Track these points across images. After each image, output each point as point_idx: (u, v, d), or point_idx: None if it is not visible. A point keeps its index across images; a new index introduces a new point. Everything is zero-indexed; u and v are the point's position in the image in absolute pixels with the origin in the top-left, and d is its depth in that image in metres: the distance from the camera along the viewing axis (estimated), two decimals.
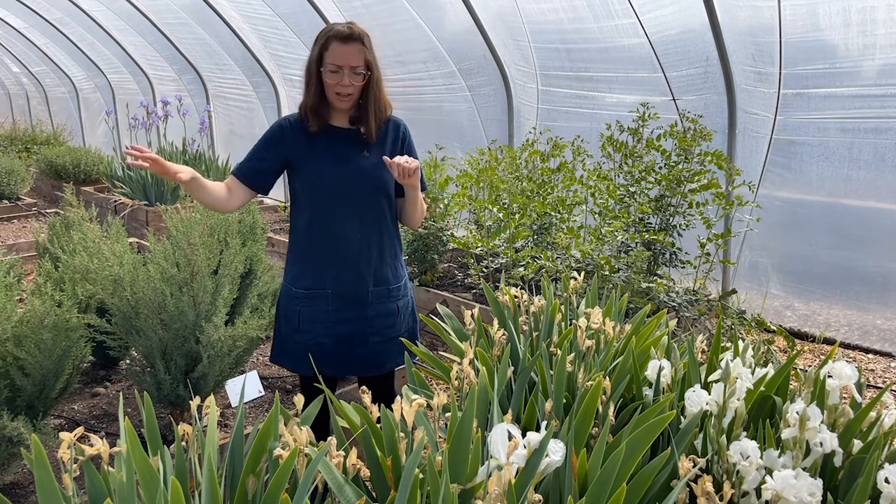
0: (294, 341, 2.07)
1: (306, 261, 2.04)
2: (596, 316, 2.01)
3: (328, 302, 2.04)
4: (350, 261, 2.04)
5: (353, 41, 1.93)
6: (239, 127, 8.39)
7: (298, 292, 2.04)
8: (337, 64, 1.92)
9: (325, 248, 2.02)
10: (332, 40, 1.93)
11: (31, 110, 13.13)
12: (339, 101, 1.97)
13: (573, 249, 3.59)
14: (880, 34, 3.42)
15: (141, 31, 8.24)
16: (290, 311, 2.07)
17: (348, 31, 1.93)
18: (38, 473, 1.21)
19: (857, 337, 3.85)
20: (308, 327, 2.05)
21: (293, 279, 2.07)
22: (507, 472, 1.24)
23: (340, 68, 1.92)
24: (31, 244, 5.55)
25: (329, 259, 2.03)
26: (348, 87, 1.94)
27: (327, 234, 2.01)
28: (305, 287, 2.04)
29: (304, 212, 2.03)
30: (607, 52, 4.55)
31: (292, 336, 2.08)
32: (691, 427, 1.58)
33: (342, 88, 1.94)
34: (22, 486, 2.45)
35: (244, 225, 3.19)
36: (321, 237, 2.02)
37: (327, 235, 2.02)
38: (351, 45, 1.93)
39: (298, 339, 2.06)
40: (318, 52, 1.95)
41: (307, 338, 2.06)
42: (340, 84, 1.93)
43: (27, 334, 2.27)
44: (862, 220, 3.79)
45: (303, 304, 2.04)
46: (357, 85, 1.96)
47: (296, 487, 1.31)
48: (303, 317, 2.04)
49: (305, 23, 6.13)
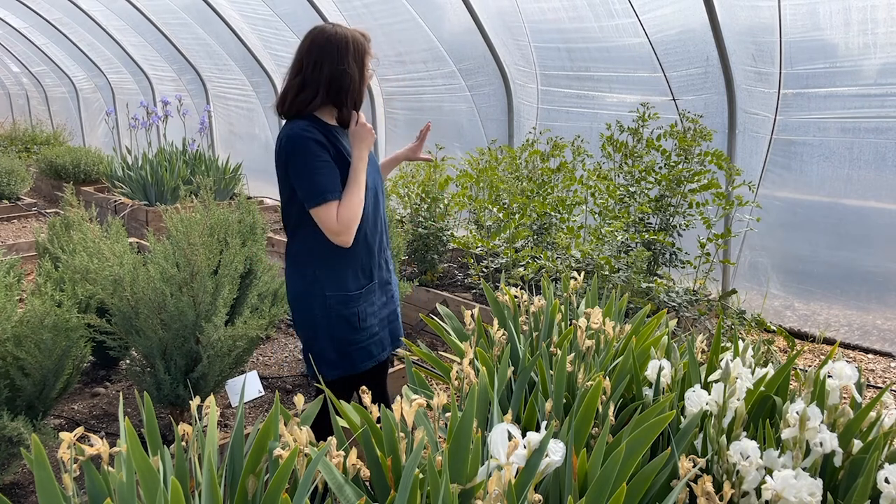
0: (349, 343, 2.04)
1: (353, 261, 2.03)
2: (596, 316, 2.01)
3: (374, 292, 2.11)
4: (382, 248, 2.14)
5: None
6: (239, 127, 8.39)
7: (355, 294, 2.03)
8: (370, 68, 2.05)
9: (367, 244, 2.05)
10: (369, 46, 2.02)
11: (31, 110, 13.14)
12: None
13: (573, 249, 3.59)
14: (881, 33, 3.42)
15: (141, 31, 8.24)
16: (348, 315, 2.02)
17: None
18: (38, 473, 1.21)
19: (857, 337, 3.85)
20: (366, 323, 2.07)
21: (343, 283, 2.02)
22: (507, 472, 1.24)
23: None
24: (31, 244, 5.55)
25: (371, 252, 2.08)
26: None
27: (367, 229, 2.04)
28: (360, 286, 2.05)
29: None
30: (607, 52, 4.55)
31: (349, 338, 2.04)
32: (691, 427, 1.58)
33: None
34: (22, 486, 2.45)
35: (244, 225, 3.19)
36: (364, 234, 2.03)
37: (367, 230, 2.04)
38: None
39: (357, 338, 2.05)
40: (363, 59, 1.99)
41: (365, 335, 2.07)
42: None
43: (27, 334, 2.27)
44: (862, 220, 3.79)
45: (359, 304, 2.05)
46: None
47: (296, 487, 1.31)
48: (362, 315, 2.05)
49: (305, 23, 6.13)
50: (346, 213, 1.89)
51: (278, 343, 3.82)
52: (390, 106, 6.42)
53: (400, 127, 6.42)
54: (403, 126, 6.39)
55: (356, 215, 1.91)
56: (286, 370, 3.46)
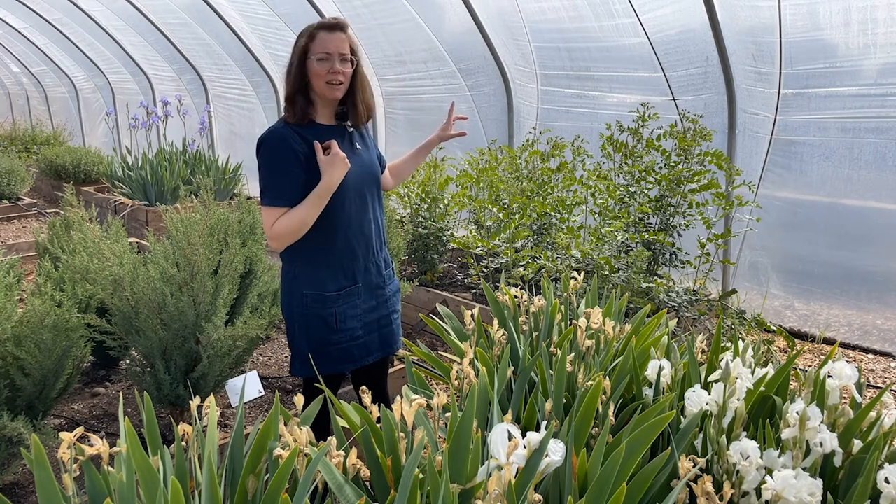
0: (327, 343, 2.06)
1: (333, 262, 2.04)
2: (596, 316, 2.01)
3: (359, 295, 2.10)
4: (370, 251, 2.12)
5: (338, 30, 1.98)
6: (239, 127, 8.39)
7: (333, 295, 2.04)
8: (326, 52, 1.95)
9: (350, 246, 2.05)
10: (318, 31, 1.97)
11: (31, 110, 13.14)
12: (331, 91, 1.98)
13: (573, 249, 3.59)
14: (881, 33, 3.42)
15: (141, 31, 8.24)
16: (325, 315, 2.04)
17: (334, 21, 1.99)
18: (38, 473, 1.21)
19: (857, 337, 3.85)
20: (344, 325, 2.07)
21: (321, 283, 2.03)
22: (507, 472, 1.24)
23: (330, 55, 1.95)
24: (31, 244, 5.55)
25: (355, 255, 2.07)
26: (339, 74, 1.97)
27: (349, 232, 2.04)
28: (339, 288, 2.05)
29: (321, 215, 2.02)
30: (608, 52, 4.55)
31: (326, 338, 2.05)
32: (691, 427, 1.58)
33: (333, 77, 1.96)
34: (22, 486, 2.45)
35: (244, 225, 3.19)
36: (344, 236, 2.03)
37: (349, 233, 2.04)
38: (337, 34, 1.98)
39: (334, 339, 2.06)
40: (305, 43, 1.97)
41: (342, 336, 2.07)
42: (331, 72, 1.95)
43: (27, 334, 2.27)
44: (862, 220, 3.79)
45: (338, 305, 2.05)
46: (348, 72, 2.00)
47: (296, 487, 1.31)
48: (339, 317, 2.06)
49: (305, 23, 6.09)
50: (282, 226, 1.91)
51: (278, 343, 3.82)
52: (390, 106, 6.42)
53: (400, 127, 6.42)
54: (403, 126, 6.39)
55: (291, 232, 1.92)
56: (286, 370, 3.46)
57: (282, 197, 1.92)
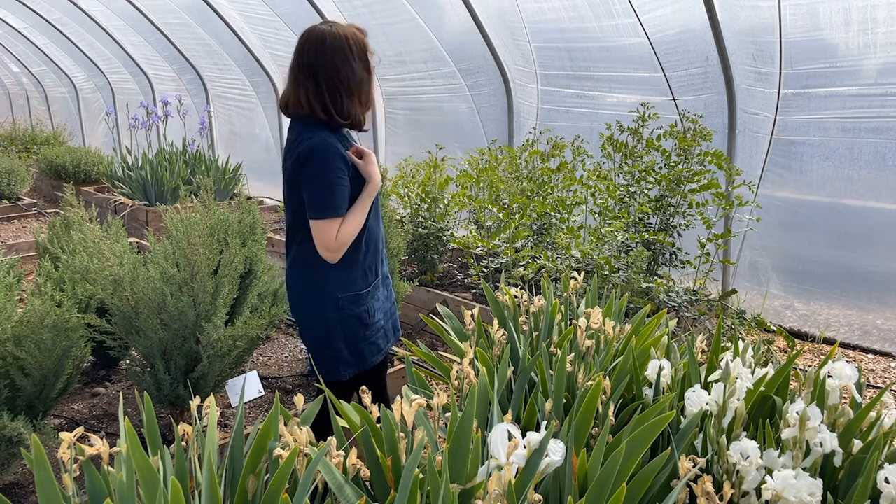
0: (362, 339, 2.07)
1: (363, 261, 2.05)
2: (596, 316, 2.01)
3: (378, 288, 2.14)
4: (382, 244, 2.16)
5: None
6: (239, 127, 8.39)
7: (364, 292, 2.06)
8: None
9: (374, 243, 2.09)
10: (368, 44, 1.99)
11: (31, 110, 13.13)
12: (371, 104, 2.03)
13: (573, 249, 3.59)
14: (881, 33, 3.42)
15: (141, 31, 8.24)
16: (359, 313, 2.04)
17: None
18: (38, 473, 1.21)
19: (857, 337, 3.84)
20: (375, 318, 2.11)
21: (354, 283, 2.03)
22: (507, 472, 1.24)
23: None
24: (31, 244, 5.55)
25: (377, 250, 2.11)
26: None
27: (372, 228, 2.07)
28: (368, 284, 2.07)
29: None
30: (608, 52, 4.55)
31: (361, 335, 2.06)
32: (691, 427, 1.58)
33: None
34: (22, 486, 2.45)
35: (244, 225, 3.19)
36: (369, 234, 2.06)
37: (372, 230, 2.07)
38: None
39: (367, 334, 2.08)
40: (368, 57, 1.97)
41: (374, 329, 2.11)
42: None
43: (27, 334, 2.27)
44: (862, 220, 3.79)
45: (368, 300, 2.08)
46: None
47: (296, 487, 1.31)
48: (371, 311, 2.09)
49: (305, 22, 6.08)
50: (347, 235, 1.91)
51: (278, 343, 3.82)
52: (390, 106, 6.41)
53: (400, 127, 6.42)
54: (403, 126, 6.39)
55: (352, 237, 1.93)
56: (286, 370, 3.46)
57: (342, 207, 1.90)
